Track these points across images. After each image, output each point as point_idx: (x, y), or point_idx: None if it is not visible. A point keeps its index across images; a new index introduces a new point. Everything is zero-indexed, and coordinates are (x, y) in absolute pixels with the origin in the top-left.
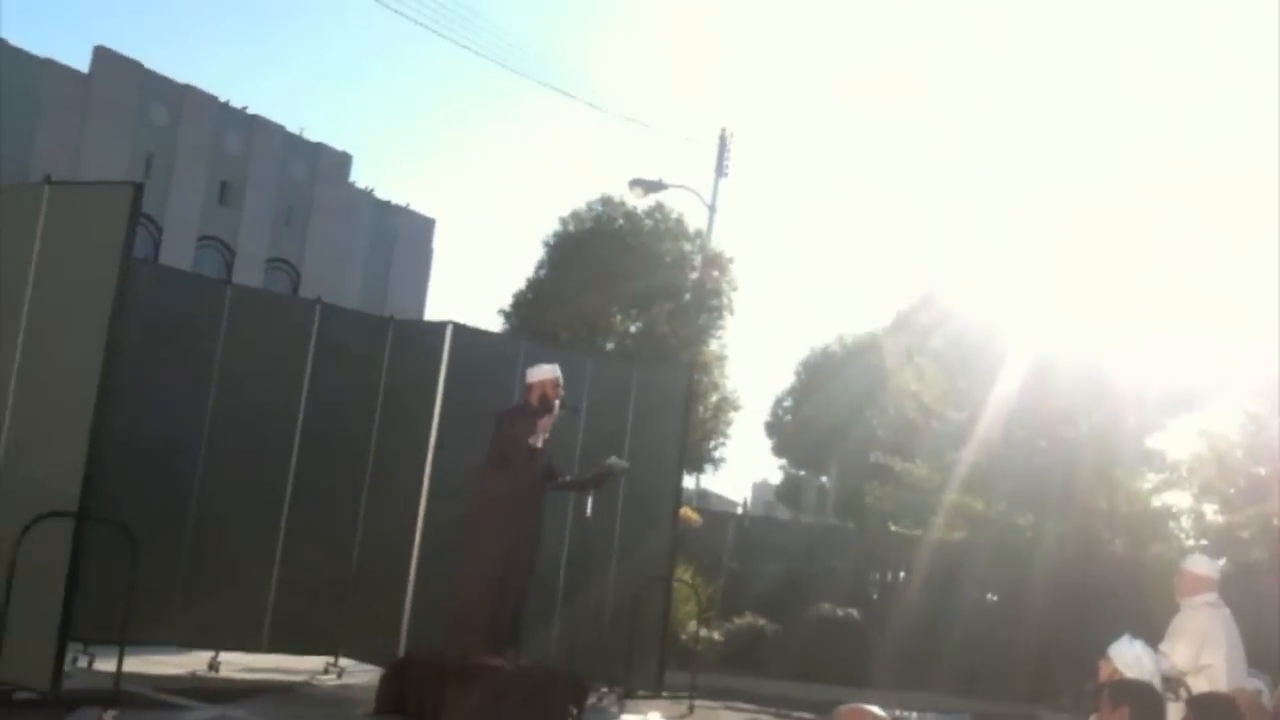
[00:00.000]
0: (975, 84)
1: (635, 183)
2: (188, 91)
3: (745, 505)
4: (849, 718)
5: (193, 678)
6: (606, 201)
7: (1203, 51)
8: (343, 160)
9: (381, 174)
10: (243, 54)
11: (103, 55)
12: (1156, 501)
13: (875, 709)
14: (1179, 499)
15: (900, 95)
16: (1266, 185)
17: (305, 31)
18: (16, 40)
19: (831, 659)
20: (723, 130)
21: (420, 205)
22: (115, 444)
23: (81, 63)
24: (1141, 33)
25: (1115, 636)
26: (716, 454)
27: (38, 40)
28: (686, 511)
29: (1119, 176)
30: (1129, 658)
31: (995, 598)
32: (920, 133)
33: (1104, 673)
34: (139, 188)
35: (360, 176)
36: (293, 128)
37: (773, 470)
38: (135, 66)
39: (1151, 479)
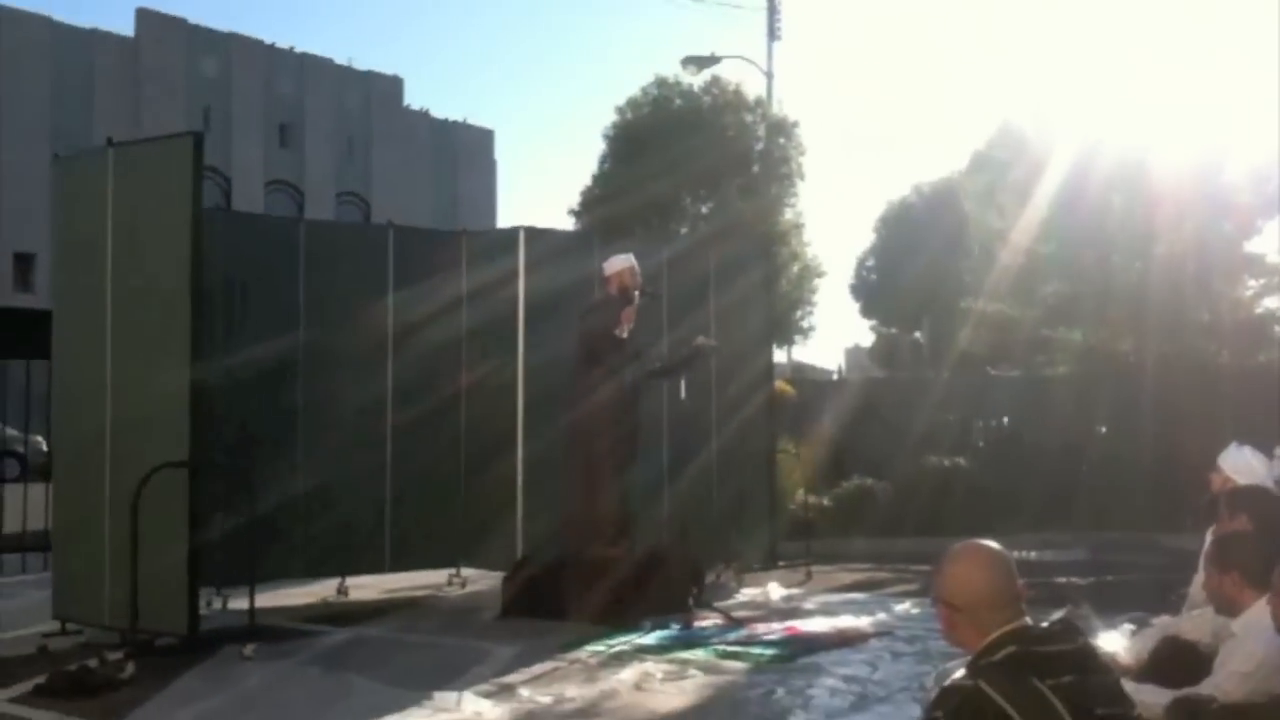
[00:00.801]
0: None
1: (688, 60)
2: (234, 40)
3: (840, 371)
4: (966, 554)
5: (324, 604)
6: (662, 84)
7: None
8: (395, 85)
9: (434, 93)
10: None
11: (146, 17)
12: (1259, 308)
13: (991, 543)
14: None
15: None
16: None
17: None
18: (61, 16)
19: (942, 510)
20: None
21: (477, 118)
22: (217, 390)
23: (126, 27)
24: None
25: (1224, 448)
26: (805, 324)
27: (82, 12)
28: (781, 384)
29: None
30: (1239, 464)
31: (1104, 429)
32: None
33: (1216, 484)
34: (199, 136)
35: (414, 98)
36: (340, 59)
37: (864, 333)
38: (179, 23)
39: (1253, 285)
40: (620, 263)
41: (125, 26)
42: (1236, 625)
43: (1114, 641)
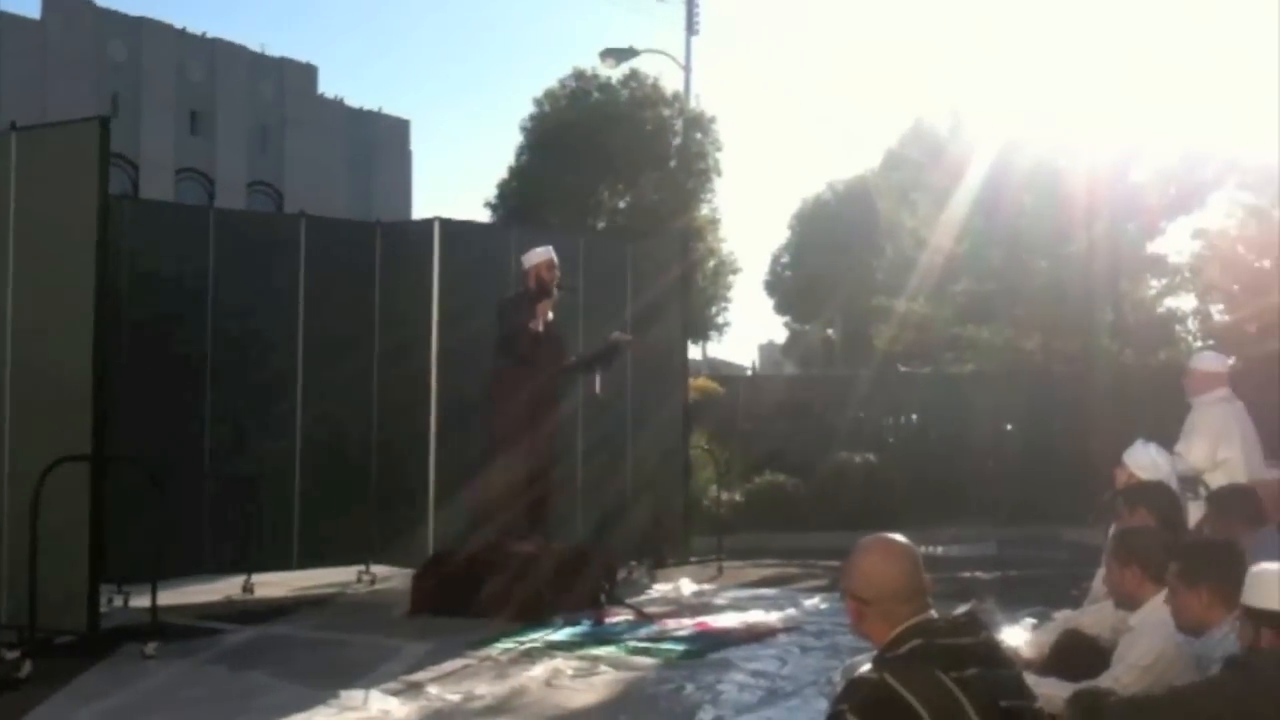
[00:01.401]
0: None
1: (606, 53)
2: (143, 24)
3: (754, 367)
4: (874, 547)
5: (228, 602)
6: (580, 76)
7: None
8: (308, 72)
9: (349, 82)
10: None
11: None
12: (1161, 307)
13: (899, 537)
14: (1184, 302)
15: None
16: None
17: None
18: None
19: (853, 506)
20: None
21: (393, 108)
22: (121, 381)
23: (32, 9)
24: None
25: (1129, 445)
26: (720, 320)
27: None
28: (703, 381)
29: None
30: (1144, 461)
31: (1011, 426)
32: None
33: (1120, 480)
34: (106, 121)
35: (328, 87)
36: (254, 46)
37: (777, 329)
38: (87, 6)
39: (1155, 285)
40: (539, 255)
41: (31, 8)
42: (1135, 619)
43: (1016, 635)
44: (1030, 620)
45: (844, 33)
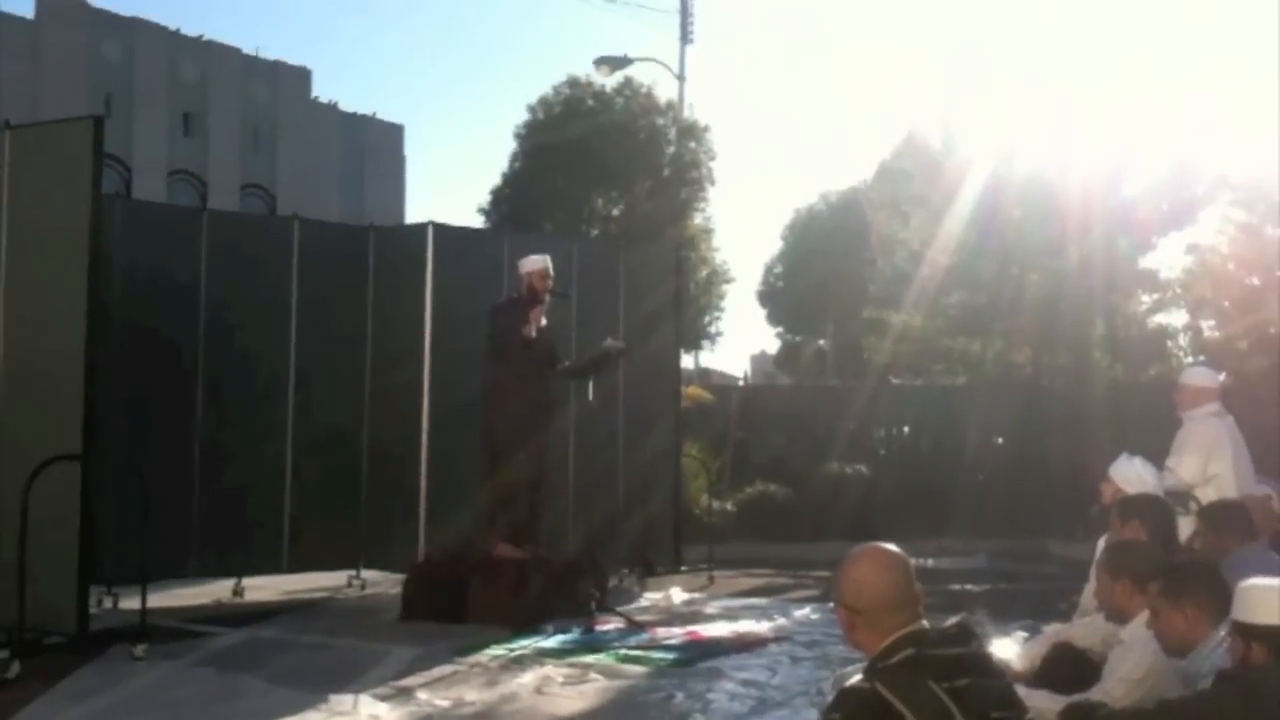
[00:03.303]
0: None
1: (600, 61)
2: (137, 24)
3: (746, 377)
4: (865, 556)
5: (218, 605)
6: (574, 84)
7: None
8: (302, 76)
9: (344, 86)
10: None
11: None
12: (1152, 323)
13: (891, 546)
14: (1175, 318)
15: None
16: None
17: None
18: None
19: (844, 517)
20: None
21: (386, 113)
22: (112, 383)
23: (26, 9)
24: None
25: (1116, 459)
26: (712, 329)
27: None
28: (696, 390)
29: None
30: (1130, 475)
31: (1001, 439)
32: None
33: (1107, 494)
34: (100, 120)
35: (322, 91)
36: (248, 49)
37: (770, 340)
38: (81, 6)
39: (1146, 300)
40: (533, 263)
41: (25, 8)
42: (1126, 632)
43: (1007, 648)
44: (1021, 633)
45: (837, 43)
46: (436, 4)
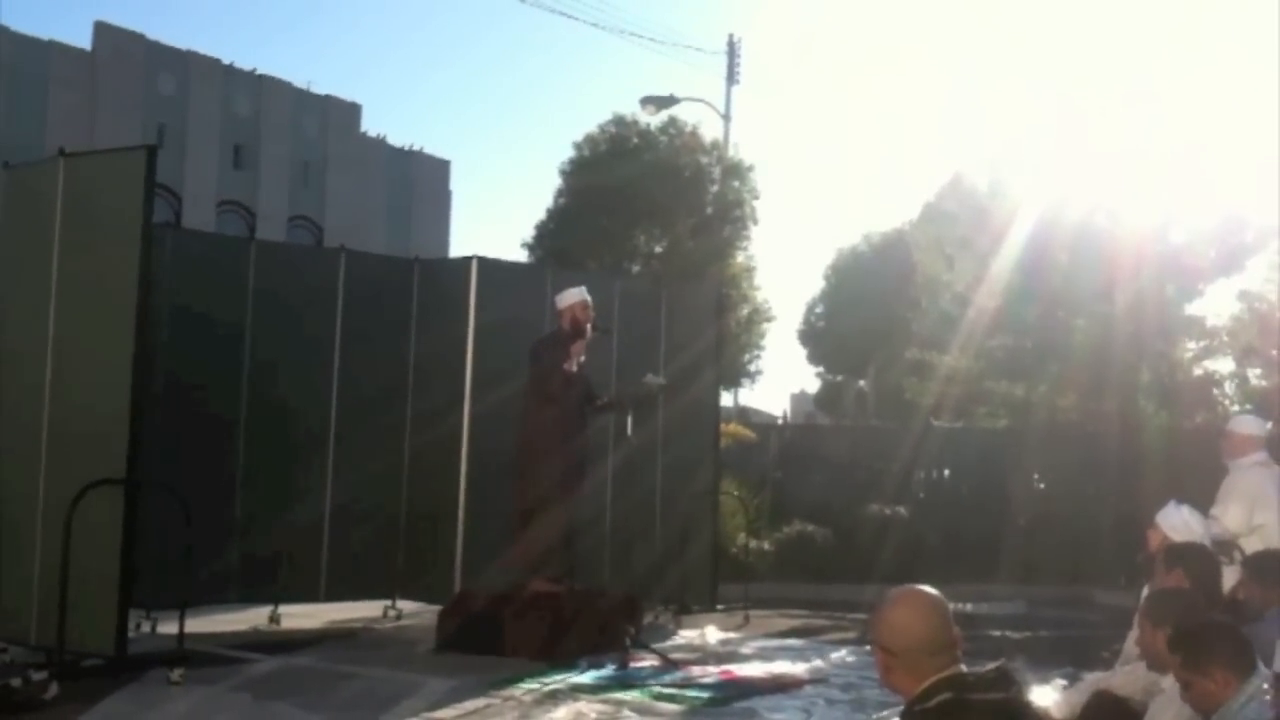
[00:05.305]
0: None
1: (646, 100)
2: (192, 58)
3: (785, 416)
4: (904, 598)
5: (255, 632)
6: (619, 122)
7: None
8: (352, 111)
9: (392, 120)
10: (244, 13)
11: (104, 30)
12: (1199, 369)
13: (929, 589)
14: (1221, 365)
15: None
16: None
17: None
18: (18, 26)
19: (883, 559)
20: (731, 36)
21: (433, 148)
22: (157, 408)
23: (84, 40)
24: None
25: (1162, 507)
26: (752, 368)
27: (39, 23)
28: (736, 427)
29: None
30: (1176, 522)
31: (1043, 484)
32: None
33: (1153, 542)
34: (153, 150)
35: (371, 125)
36: (299, 83)
37: (810, 379)
38: (137, 38)
39: (1192, 347)
40: (573, 296)
41: (83, 39)
42: (1167, 682)
43: (1046, 695)
44: (1061, 680)
45: (883, 85)
46: (486, 41)
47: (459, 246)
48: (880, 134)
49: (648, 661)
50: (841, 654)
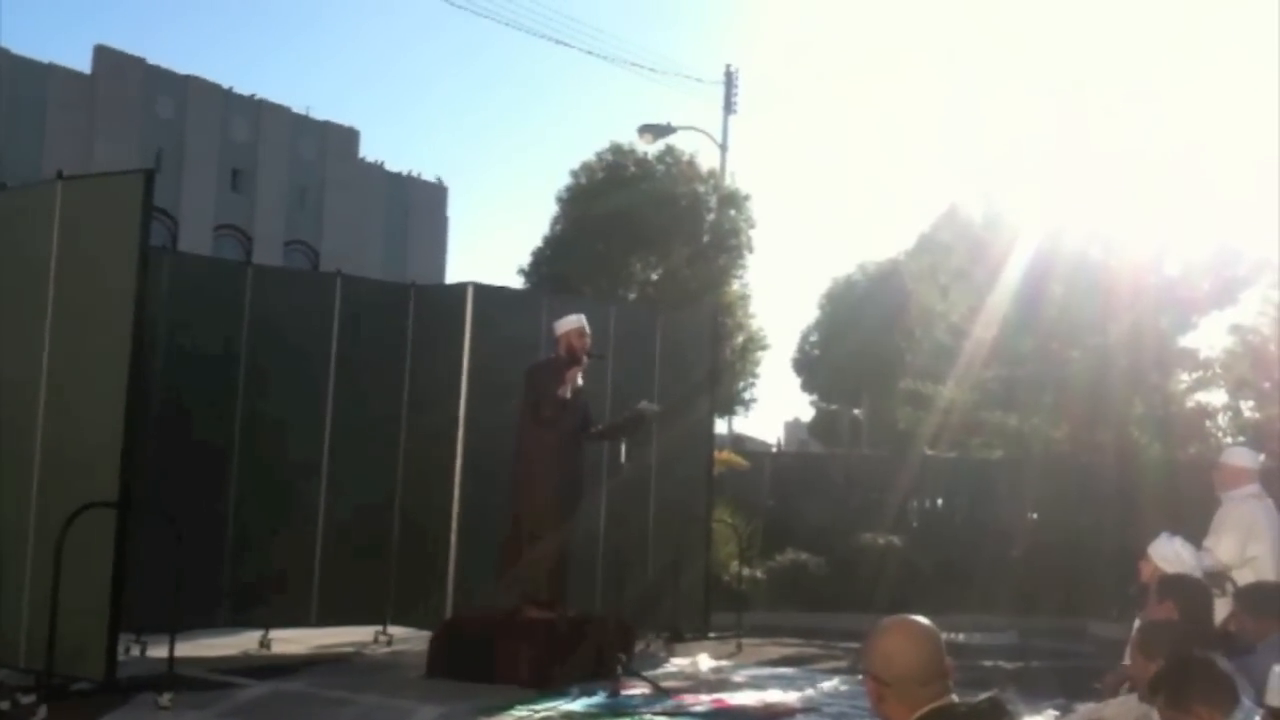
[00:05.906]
0: None
1: (644, 128)
2: (191, 82)
3: (779, 444)
4: (895, 628)
5: (245, 657)
6: (616, 150)
7: None
8: (350, 136)
9: (390, 146)
10: (242, 39)
11: (103, 54)
12: (1191, 401)
13: (921, 618)
14: (1215, 397)
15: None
16: None
17: (297, 8)
18: (18, 48)
19: (876, 588)
20: (728, 67)
21: (430, 174)
22: (151, 431)
23: (83, 63)
24: None
25: (1155, 538)
26: (747, 395)
27: (38, 45)
28: (729, 455)
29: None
30: (1169, 554)
31: (1037, 515)
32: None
33: (1145, 572)
34: (150, 174)
35: (368, 150)
36: (298, 108)
37: (804, 407)
38: (137, 62)
39: (1185, 379)
40: (570, 323)
41: (82, 62)
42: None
43: None
44: (1052, 711)
45: (880, 116)
46: (484, 69)
47: (455, 272)
48: (876, 164)
49: (639, 689)
50: (834, 683)
